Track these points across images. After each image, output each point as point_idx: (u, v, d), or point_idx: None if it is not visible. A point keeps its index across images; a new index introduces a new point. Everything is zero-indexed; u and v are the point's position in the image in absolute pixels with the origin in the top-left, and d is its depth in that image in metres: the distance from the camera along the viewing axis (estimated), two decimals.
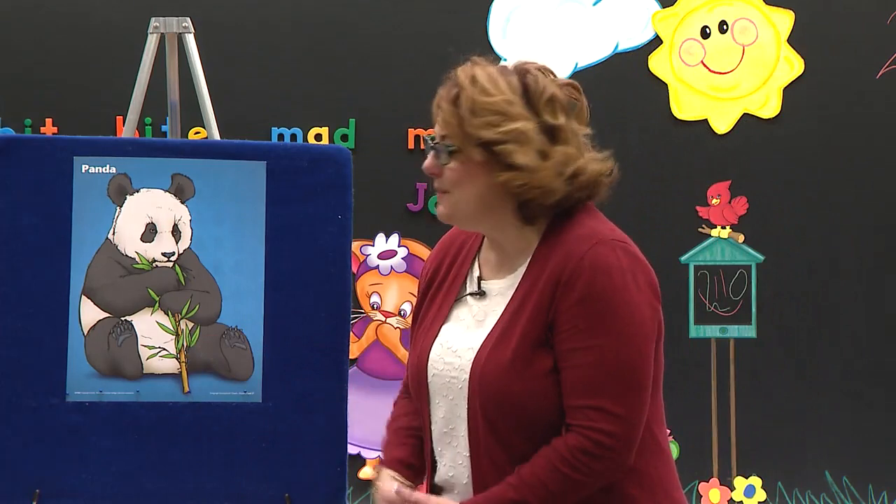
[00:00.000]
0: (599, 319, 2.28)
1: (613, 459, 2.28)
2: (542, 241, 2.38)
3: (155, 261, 3.25)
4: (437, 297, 2.49)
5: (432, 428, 2.44)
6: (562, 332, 2.30)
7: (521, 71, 2.43)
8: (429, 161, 2.39)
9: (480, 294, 2.43)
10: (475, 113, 2.35)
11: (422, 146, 5.18)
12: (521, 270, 2.39)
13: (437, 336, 2.44)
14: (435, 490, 2.47)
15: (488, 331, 2.37)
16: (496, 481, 2.32)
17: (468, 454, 2.37)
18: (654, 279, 2.36)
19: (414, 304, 2.60)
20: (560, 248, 2.33)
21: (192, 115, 3.79)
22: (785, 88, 5.27)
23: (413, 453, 2.50)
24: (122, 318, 3.23)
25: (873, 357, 5.25)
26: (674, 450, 5.08)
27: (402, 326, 5.23)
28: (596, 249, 2.31)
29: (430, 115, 2.46)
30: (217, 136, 3.63)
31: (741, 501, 5.21)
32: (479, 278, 2.45)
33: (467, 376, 2.35)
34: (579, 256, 2.30)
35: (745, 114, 5.27)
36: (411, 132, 5.19)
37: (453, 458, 2.41)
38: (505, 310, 2.37)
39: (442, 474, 2.44)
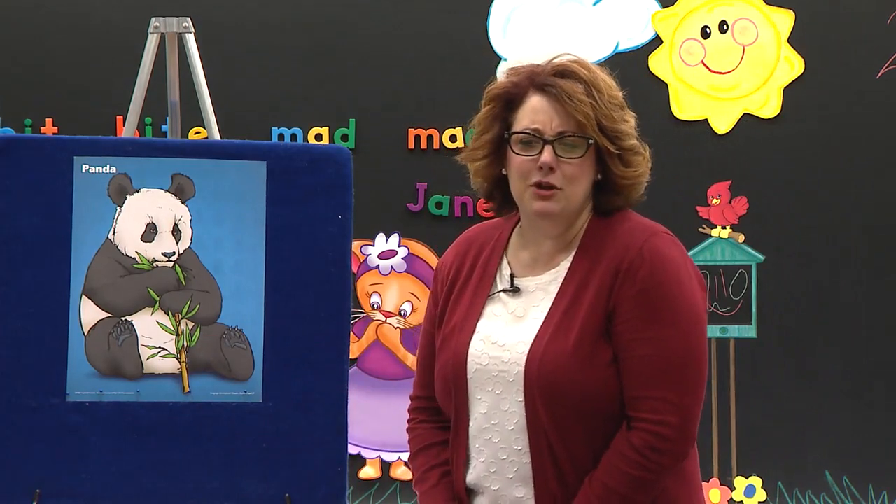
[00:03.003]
0: (660, 310, 2.33)
1: (676, 452, 2.32)
2: (586, 236, 2.42)
3: (155, 261, 3.25)
4: (463, 295, 2.49)
5: (470, 425, 2.44)
6: (623, 322, 2.33)
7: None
8: (549, 156, 2.38)
9: (514, 291, 2.44)
10: (613, 107, 2.39)
11: (422, 146, 5.18)
12: (565, 265, 2.41)
13: (473, 332, 2.44)
14: (467, 492, 2.46)
15: (535, 324, 2.39)
16: (555, 473, 2.35)
17: (519, 448, 2.38)
18: (699, 272, 2.42)
19: (426, 304, 2.59)
20: (613, 240, 2.38)
21: (193, 115, 3.80)
22: (785, 88, 5.27)
23: (453, 495, 2.49)
24: (123, 318, 3.23)
25: (874, 357, 5.25)
26: None
27: (402, 326, 5.23)
28: (651, 241, 2.37)
29: (429, 114, 2.46)
30: (217, 136, 3.63)
31: (741, 501, 5.21)
32: (512, 275, 2.46)
33: (521, 369, 2.37)
34: (638, 248, 2.36)
35: (745, 114, 5.27)
36: (411, 132, 5.19)
37: (494, 453, 2.41)
38: (555, 302, 2.39)
39: (478, 472, 2.44)
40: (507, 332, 2.42)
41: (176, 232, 3.25)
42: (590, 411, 2.34)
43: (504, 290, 2.46)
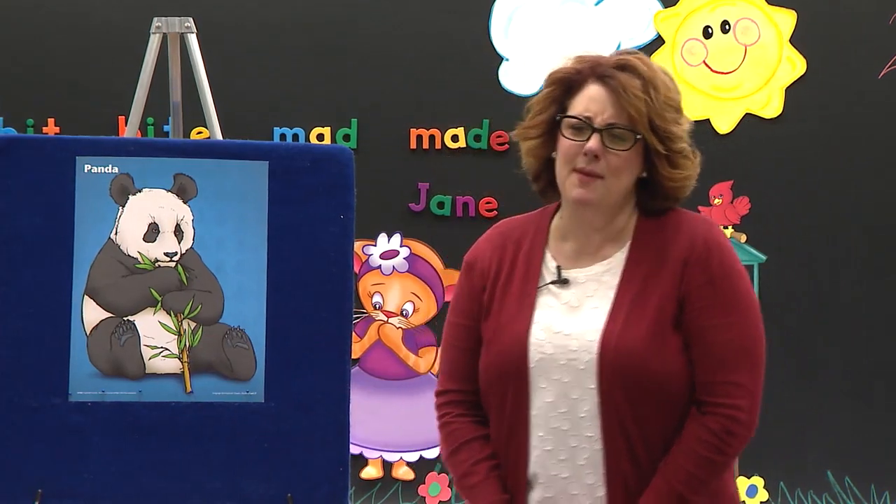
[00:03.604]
0: (730, 297, 2.42)
1: (747, 435, 2.41)
2: (639, 230, 2.47)
3: (157, 261, 3.25)
4: (510, 287, 2.52)
5: (532, 414, 2.46)
6: (696, 310, 2.40)
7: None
8: (595, 143, 2.42)
9: (563, 282, 2.47)
10: (667, 108, 2.43)
11: (424, 146, 5.18)
12: (619, 257, 2.46)
13: (530, 323, 2.46)
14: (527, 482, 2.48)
15: (598, 313, 2.43)
16: (629, 458, 2.40)
17: (590, 434, 2.42)
18: None
19: (455, 298, 2.59)
20: (675, 233, 2.45)
21: (195, 115, 3.79)
22: (787, 88, 5.27)
23: (503, 487, 2.50)
24: (125, 318, 3.23)
25: (875, 357, 5.25)
26: None
27: (403, 326, 5.23)
28: (712, 232, 2.46)
29: (431, 114, 2.47)
30: (219, 136, 3.63)
31: (743, 501, 5.21)
32: (559, 267, 2.49)
33: (592, 356, 2.41)
34: (703, 238, 2.43)
35: (747, 114, 5.27)
36: (413, 132, 5.19)
37: (563, 441, 2.44)
38: (620, 292, 2.44)
39: (543, 460, 2.45)
40: (567, 321, 2.45)
41: (178, 232, 3.25)
42: (663, 396, 2.40)
43: (553, 282, 2.49)
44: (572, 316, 2.45)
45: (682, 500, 2.39)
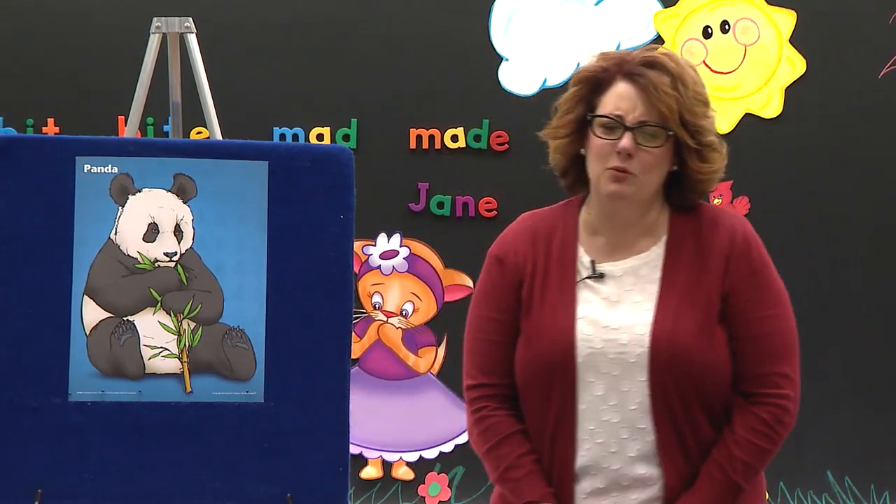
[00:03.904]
0: (771, 290, 2.48)
1: (792, 424, 2.51)
2: (674, 225, 2.51)
3: (157, 261, 3.25)
4: (547, 284, 2.52)
5: (580, 408, 2.47)
6: (741, 303, 2.45)
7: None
8: (628, 142, 2.44)
9: (598, 276, 2.49)
10: (696, 103, 2.46)
11: (424, 146, 5.19)
12: (656, 251, 2.50)
13: (575, 317, 2.48)
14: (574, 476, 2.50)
15: (641, 307, 2.46)
16: (680, 449, 2.45)
17: (642, 426, 2.45)
18: None
19: (479, 291, 2.59)
20: (713, 228, 2.49)
21: (194, 115, 3.80)
22: (787, 88, 5.27)
23: (548, 480, 2.52)
24: (124, 318, 3.23)
25: (875, 357, 5.25)
26: None
27: (403, 326, 5.23)
28: (746, 227, 2.50)
29: (431, 114, 2.48)
30: (219, 136, 3.64)
31: None
32: (593, 262, 2.51)
33: (644, 350, 2.44)
34: (741, 233, 2.48)
35: (746, 114, 5.27)
36: (413, 132, 5.19)
37: (614, 433, 2.46)
38: (665, 286, 2.47)
39: (593, 454, 2.48)
40: (611, 315, 2.48)
41: (178, 232, 3.25)
42: (710, 388, 2.44)
43: (590, 277, 2.50)
44: (614, 310, 2.48)
45: (739, 490, 2.46)
